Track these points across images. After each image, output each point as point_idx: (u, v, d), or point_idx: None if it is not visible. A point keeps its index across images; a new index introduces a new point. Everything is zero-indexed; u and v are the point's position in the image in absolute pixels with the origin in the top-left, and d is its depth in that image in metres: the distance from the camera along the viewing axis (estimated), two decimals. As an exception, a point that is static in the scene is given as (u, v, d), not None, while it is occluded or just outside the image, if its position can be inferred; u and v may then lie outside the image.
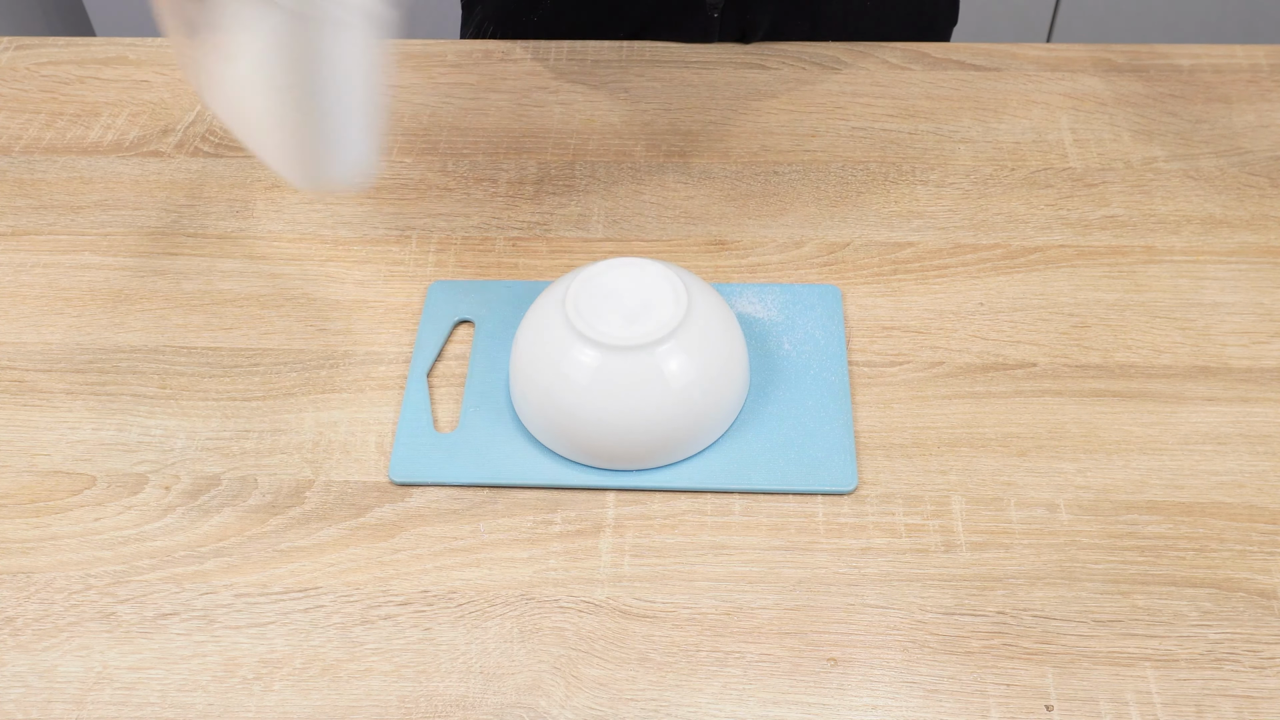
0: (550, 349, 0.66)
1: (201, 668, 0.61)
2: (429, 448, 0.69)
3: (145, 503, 0.68)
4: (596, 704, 0.59)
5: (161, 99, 0.95)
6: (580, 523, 0.66)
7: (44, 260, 0.82)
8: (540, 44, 0.99)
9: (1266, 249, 0.80)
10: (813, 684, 0.60)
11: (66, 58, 1.00)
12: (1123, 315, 0.76)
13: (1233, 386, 0.72)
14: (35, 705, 0.60)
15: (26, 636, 0.62)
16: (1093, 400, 0.71)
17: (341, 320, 0.77)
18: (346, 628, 0.62)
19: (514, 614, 0.62)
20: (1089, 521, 0.65)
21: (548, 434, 0.68)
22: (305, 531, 0.66)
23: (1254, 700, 0.58)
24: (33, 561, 0.65)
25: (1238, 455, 0.68)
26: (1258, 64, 0.95)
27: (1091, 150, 0.88)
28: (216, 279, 0.80)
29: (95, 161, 0.90)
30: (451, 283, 0.79)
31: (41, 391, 0.74)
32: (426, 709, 0.59)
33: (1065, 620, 0.61)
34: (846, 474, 0.67)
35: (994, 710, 0.58)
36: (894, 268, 0.79)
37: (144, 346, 0.76)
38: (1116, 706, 0.58)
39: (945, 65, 0.95)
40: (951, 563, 0.64)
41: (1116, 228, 0.82)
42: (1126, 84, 0.93)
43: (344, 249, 0.82)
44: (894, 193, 0.85)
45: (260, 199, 0.86)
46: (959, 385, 0.72)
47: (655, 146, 0.89)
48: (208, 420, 0.72)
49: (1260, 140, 0.88)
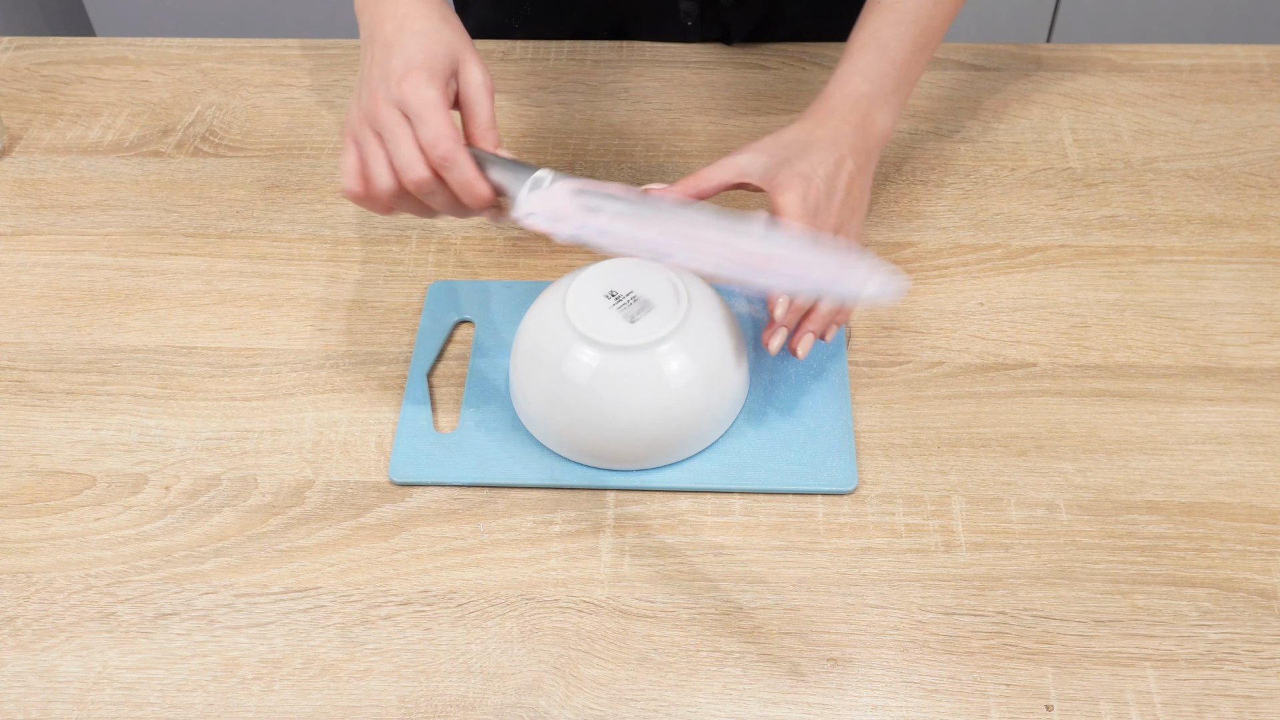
0: (550, 349, 0.66)
1: (201, 668, 0.61)
2: (429, 448, 0.69)
3: (145, 503, 0.68)
4: (596, 704, 0.59)
5: (161, 99, 0.95)
6: (580, 523, 0.66)
7: (44, 260, 0.82)
8: (540, 44, 0.99)
9: (1266, 249, 0.80)
10: (813, 684, 0.60)
11: (66, 58, 1.00)
12: (1123, 315, 0.76)
13: (1233, 386, 0.72)
14: (35, 705, 0.60)
15: (26, 636, 0.62)
16: (1093, 400, 0.71)
17: (341, 320, 0.77)
18: (346, 628, 0.62)
19: (514, 614, 0.62)
20: (1089, 521, 0.65)
21: (548, 434, 0.68)
22: (305, 531, 0.66)
23: (1254, 700, 0.58)
24: (33, 561, 0.65)
25: (1238, 455, 0.68)
26: (1258, 64, 0.95)
27: (1091, 150, 0.88)
28: (216, 279, 0.80)
29: (95, 161, 0.90)
30: (451, 283, 0.79)
31: (41, 391, 0.74)
32: (426, 709, 0.59)
33: (1065, 620, 0.61)
34: (846, 474, 0.67)
35: (994, 710, 0.58)
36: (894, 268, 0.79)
37: (144, 346, 0.76)
38: (1116, 706, 0.58)
39: (945, 65, 0.95)
40: (951, 563, 0.64)
41: (1116, 228, 0.82)
42: (1126, 84, 0.93)
43: (344, 249, 0.82)
44: (894, 193, 0.85)
45: (260, 199, 0.86)
46: (959, 385, 0.72)
47: (655, 146, 0.89)
48: (208, 420, 0.72)
49: (1260, 140, 0.88)
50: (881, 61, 0.73)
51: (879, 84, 0.72)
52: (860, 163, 0.70)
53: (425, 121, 0.62)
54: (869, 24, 0.75)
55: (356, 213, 0.85)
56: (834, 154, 0.69)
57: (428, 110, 0.62)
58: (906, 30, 0.74)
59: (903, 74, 0.74)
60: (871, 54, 0.73)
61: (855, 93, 0.72)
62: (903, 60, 0.73)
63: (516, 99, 0.94)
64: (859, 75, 0.73)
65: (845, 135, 0.70)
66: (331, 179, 0.87)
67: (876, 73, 0.73)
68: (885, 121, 0.73)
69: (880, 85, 0.72)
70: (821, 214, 0.67)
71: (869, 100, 0.72)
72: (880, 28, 0.74)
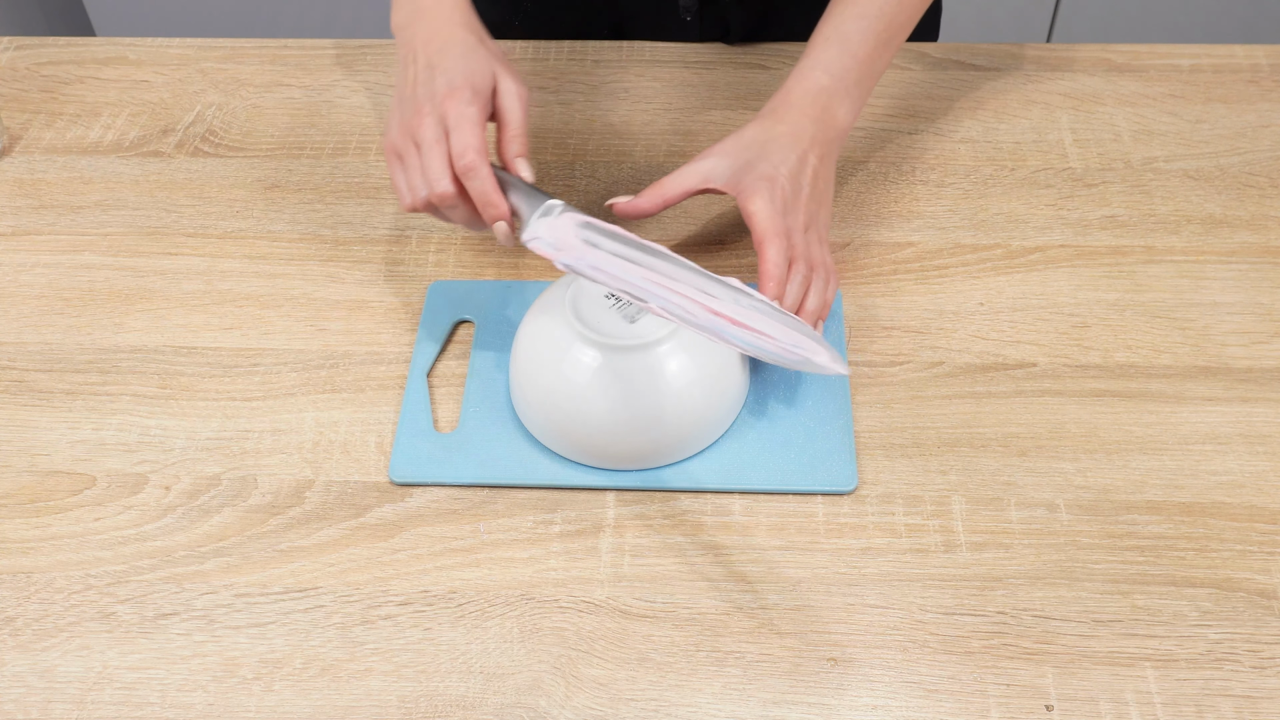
0: (550, 349, 0.66)
1: (201, 668, 0.61)
2: (429, 448, 0.69)
3: (145, 503, 0.68)
4: (596, 704, 0.59)
5: (161, 99, 0.95)
6: (580, 523, 0.66)
7: (44, 260, 0.82)
8: (540, 44, 0.99)
9: (1266, 249, 0.80)
10: (813, 684, 0.60)
11: (66, 58, 1.00)
12: (1123, 315, 0.76)
13: (1233, 386, 0.72)
14: (35, 705, 0.60)
15: (26, 636, 0.62)
16: (1093, 400, 0.71)
17: (341, 320, 0.77)
18: (346, 628, 0.62)
19: (514, 614, 0.62)
20: (1089, 521, 0.65)
21: (548, 434, 0.68)
22: (305, 531, 0.66)
23: (1254, 700, 0.58)
24: (33, 561, 0.65)
25: (1238, 455, 0.68)
26: (1258, 64, 0.95)
27: (1091, 150, 0.88)
28: (216, 279, 0.80)
29: (95, 161, 0.90)
30: (451, 283, 0.79)
31: (41, 391, 0.74)
32: (426, 709, 0.59)
33: (1065, 620, 0.61)
34: (846, 474, 0.67)
35: (994, 710, 0.58)
36: (894, 268, 0.79)
37: (144, 346, 0.76)
38: (1116, 706, 0.58)
39: (945, 65, 0.95)
40: (951, 563, 0.64)
41: (1116, 228, 0.82)
42: (1126, 84, 0.93)
43: (344, 249, 0.82)
44: (894, 193, 0.85)
45: (260, 199, 0.86)
46: (959, 385, 0.72)
47: (655, 146, 0.89)
48: (208, 420, 0.72)
49: (1260, 140, 0.88)
50: (844, 56, 0.74)
51: (840, 78, 0.73)
52: (822, 154, 0.72)
53: (457, 132, 0.66)
54: (833, 18, 0.76)
55: (356, 212, 0.85)
56: (796, 150, 0.70)
57: (463, 123, 0.67)
58: (870, 25, 0.74)
59: (865, 68, 0.74)
60: (834, 47, 0.74)
61: (816, 86, 0.73)
62: (865, 55, 0.74)
63: (516, 99, 0.94)
64: (820, 69, 0.73)
65: (806, 129, 0.71)
66: (332, 179, 0.87)
67: (839, 67, 0.73)
68: (846, 115, 0.74)
69: (842, 79, 0.73)
70: (791, 212, 0.69)
71: (829, 94, 0.73)
72: (844, 21, 0.75)
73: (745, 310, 0.61)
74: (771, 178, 0.69)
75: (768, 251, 0.67)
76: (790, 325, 0.60)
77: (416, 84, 0.70)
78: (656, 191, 0.70)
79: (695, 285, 0.62)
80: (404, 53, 0.72)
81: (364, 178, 0.87)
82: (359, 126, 0.92)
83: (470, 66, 0.69)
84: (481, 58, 0.70)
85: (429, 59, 0.70)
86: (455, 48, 0.70)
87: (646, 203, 0.70)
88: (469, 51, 0.70)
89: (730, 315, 0.60)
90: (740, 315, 0.60)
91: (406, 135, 0.69)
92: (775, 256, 0.67)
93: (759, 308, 0.61)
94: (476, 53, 0.70)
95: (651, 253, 0.64)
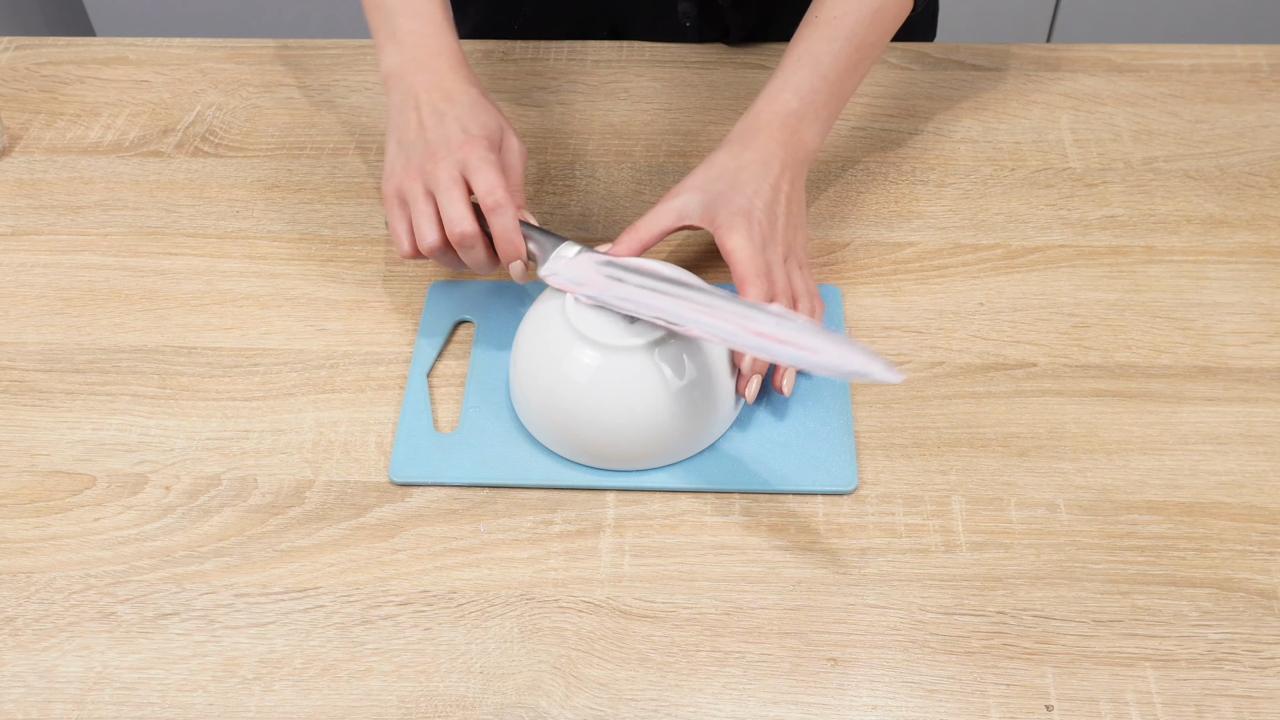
0: (550, 349, 0.66)
1: (201, 668, 0.61)
2: (429, 448, 0.69)
3: (145, 503, 0.68)
4: (596, 704, 0.59)
5: (161, 99, 0.95)
6: (580, 523, 0.66)
7: (44, 260, 0.82)
8: (540, 44, 0.99)
9: (1266, 249, 0.80)
10: (813, 684, 0.60)
11: (66, 58, 1.00)
12: (1123, 315, 0.76)
13: (1233, 386, 0.72)
14: (35, 705, 0.60)
15: (26, 636, 0.62)
16: (1093, 400, 0.71)
17: (341, 320, 0.77)
18: (346, 628, 0.62)
19: (514, 614, 0.62)
20: (1089, 521, 0.65)
21: (548, 434, 0.68)
22: (305, 531, 0.66)
23: (1254, 700, 0.58)
24: (33, 561, 0.65)
25: (1238, 455, 0.68)
26: (1258, 64, 0.95)
27: (1091, 150, 0.88)
28: (216, 279, 0.80)
29: (95, 161, 0.90)
30: (451, 283, 0.79)
31: (41, 391, 0.74)
32: (426, 709, 0.59)
33: (1065, 620, 0.61)
34: (846, 474, 0.67)
35: (994, 710, 0.58)
36: (894, 268, 0.79)
37: (144, 346, 0.76)
38: (1116, 706, 0.58)
39: (945, 65, 0.95)
40: (951, 563, 0.64)
41: (1116, 228, 0.82)
42: (1126, 84, 0.93)
43: (344, 249, 0.82)
44: (894, 193, 0.85)
45: (260, 199, 0.86)
46: (959, 385, 0.72)
47: (655, 146, 0.89)
48: (208, 420, 0.72)
49: (1260, 140, 0.88)
50: (813, 78, 0.74)
51: (809, 100, 0.73)
52: (792, 178, 0.72)
53: (480, 174, 0.68)
54: (804, 39, 0.75)
55: (356, 212, 0.85)
56: (768, 179, 0.71)
57: (485, 165, 0.68)
58: (841, 47, 0.74)
59: (834, 90, 0.74)
60: (805, 69, 0.74)
61: (784, 109, 0.73)
62: (835, 77, 0.74)
63: (516, 99, 0.94)
64: (789, 91, 0.74)
65: (775, 154, 0.72)
66: (332, 179, 0.87)
67: (808, 89, 0.74)
68: (814, 137, 0.74)
69: (810, 101, 0.73)
70: (770, 245, 0.69)
71: (798, 117, 0.73)
72: (815, 43, 0.75)
73: (788, 329, 0.61)
74: (748, 212, 0.69)
75: (749, 293, 0.66)
76: (834, 340, 0.60)
77: (424, 129, 0.70)
78: (633, 237, 0.70)
79: (734, 306, 0.63)
80: (400, 99, 0.73)
81: (364, 178, 0.87)
82: (359, 126, 0.92)
83: (482, 119, 0.71)
84: (491, 113, 0.72)
85: (435, 106, 0.71)
86: (463, 98, 0.71)
87: (624, 250, 0.70)
88: (477, 103, 0.72)
89: (774, 334, 0.61)
90: (784, 334, 0.61)
91: (416, 178, 0.69)
92: (757, 297, 0.67)
93: (800, 325, 0.61)
94: (486, 107, 0.72)
95: (680, 281, 0.65)
